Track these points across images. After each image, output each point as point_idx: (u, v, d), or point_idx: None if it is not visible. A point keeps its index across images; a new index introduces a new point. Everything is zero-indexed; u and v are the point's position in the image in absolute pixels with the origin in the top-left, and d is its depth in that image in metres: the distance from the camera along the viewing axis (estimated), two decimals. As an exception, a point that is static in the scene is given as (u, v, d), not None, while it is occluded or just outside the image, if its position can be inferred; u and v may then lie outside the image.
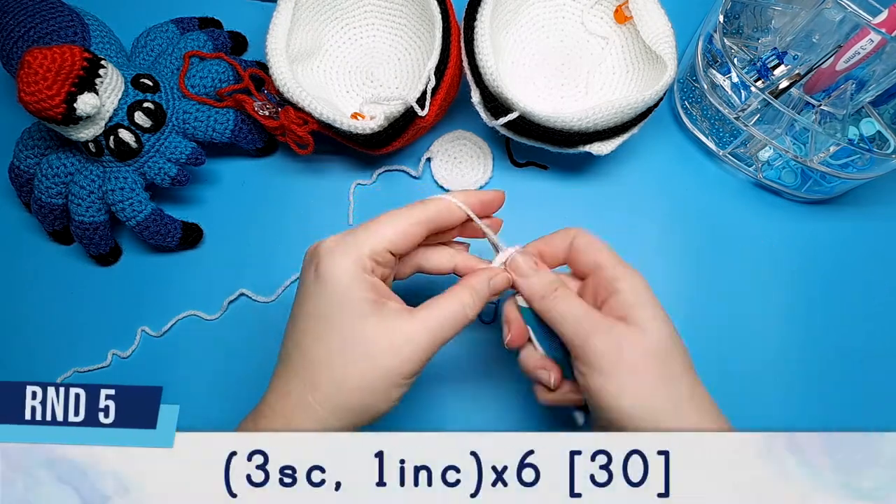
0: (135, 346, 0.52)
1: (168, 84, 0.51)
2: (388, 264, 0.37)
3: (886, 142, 0.52)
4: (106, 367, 0.51)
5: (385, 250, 0.36)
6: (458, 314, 0.36)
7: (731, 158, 0.56)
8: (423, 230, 0.37)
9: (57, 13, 0.51)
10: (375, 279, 0.36)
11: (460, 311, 0.36)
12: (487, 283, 0.38)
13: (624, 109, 0.47)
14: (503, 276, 0.39)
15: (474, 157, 0.56)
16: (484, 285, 0.38)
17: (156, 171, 0.50)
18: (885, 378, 0.52)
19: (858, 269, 0.54)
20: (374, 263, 0.36)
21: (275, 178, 0.56)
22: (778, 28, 0.54)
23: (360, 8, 0.57)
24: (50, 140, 0.50)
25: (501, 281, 0.39)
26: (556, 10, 0.58)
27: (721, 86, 0.53)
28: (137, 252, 0.54)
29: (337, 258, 0.35)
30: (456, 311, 0.36)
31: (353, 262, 0.35)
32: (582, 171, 0.56)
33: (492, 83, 0.47)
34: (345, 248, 0.35)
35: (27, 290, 0.54)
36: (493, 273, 0.39)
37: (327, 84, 0.57)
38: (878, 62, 0.48)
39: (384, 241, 0.36)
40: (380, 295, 0.36)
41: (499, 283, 0.39)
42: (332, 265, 0.35)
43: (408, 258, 0.40)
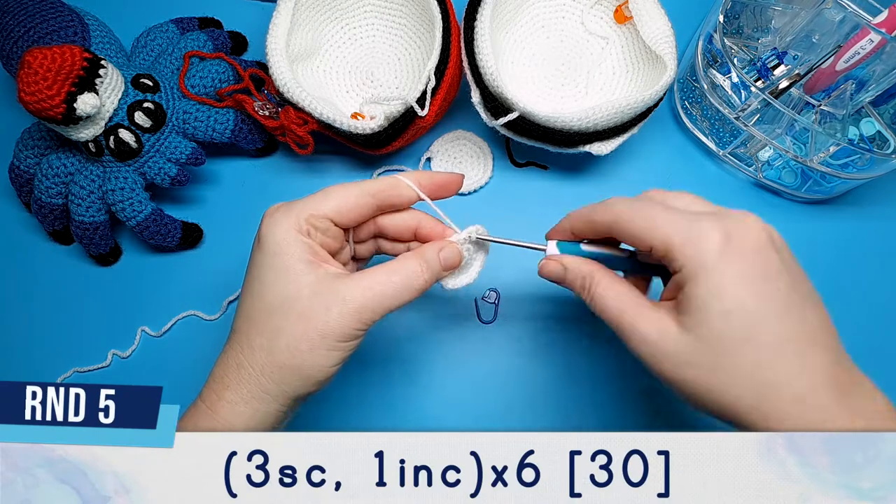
0: (135, 345, 0.52)
1: (168, 84, 0.51)
2: (328, 233, 0.37)
3: (886, 142, 0.52)
4: (106, 367, 0.51)
5: (324, 216, 0.36)
6: (403, 282, 0.36)
7: (731, 158, 0.56)
8: (368, 203, 0.37)
9: (57, 13, 0.51)
10: (313, 243, 0.36)
11: (405, 279, 0.36)
12: (437, 255, 0.37)
13: (624, 109, 0.47)
14: (453, 248, 0.38)
15: (474, 157, 0.56)
16: (433, 255, 0.37)
17: (156, 171, 0.50)
18: (885, 378, 0.52)
19: (858, 269, 0.54)
20: (312, 228, 0.36)
21: (275, 178, 0.56)
22: (778, 28, 0.54)
23: (360, 8, 0.57)
24: (50, 140, 0.50)
25: (452, 253, 0.38)
26: (556, 10, 0.58)
27: (721, 86, 0.53)
28: (137, 252, 0.54)
29: (276, 221, 0.36)
30: (401, 278, 0.36)
31: (290, 225, 0.35)
32: (582, 171, 0.56)
33: (492, 83, 0.47)
34: (284, 212, 0.36)
35: (27, 289, 0.54)
36: (442, 244, 0.38)
37: (327, 84, 0.57)
38: (878, 62, 0.48)
39: (324, 208, 0.36)
40: (318, 258, 0.36)
41: (449, 256, 0.38)
42: (269, 227, 0.36)
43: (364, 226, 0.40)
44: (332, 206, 0.36)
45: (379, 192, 0.37)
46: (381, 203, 0.38)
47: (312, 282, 0.35)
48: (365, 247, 0.41)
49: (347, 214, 0.37)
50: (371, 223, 0.40)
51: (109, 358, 0.52)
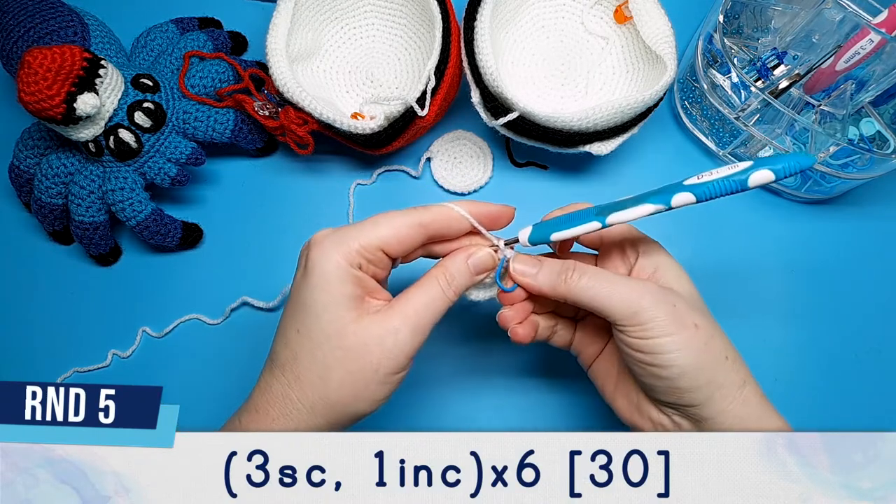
0: (135, 346, 0.52)
1: (168, 84, 0.51)
2: (379, 263, 0.36)
3: (886, 142, 0.52)
4: (106, 366, 0.51)
5: (377, 248, 0.35)
6: (436, 299, 0.35)
7: (731, 158, 0.56)
8: (419, 233, 0.36)
9: (57, 13, 0.51)
10: (363, 275, 0.35)
11: (438, 295, 0.35)
12: (465, 262, 0.37)
13: (624, 109, 0.47)
14: (485, 253, 0.37)
15: (474, 157, 0.56)
16: (461, 264, 0.37)
17: (156, 171, 0.50)
18: (884, 378, 0.52)
19: (858, 269, 0.54)
20: (364, 260, 0.35)
21: (275, 178, 0.56)
22: (778, 28, 0.54)
23: (359, 8, 0.57)
24: (50, 140, 0.50)
25: (483, 258, 0.37)
26: (556, 10, 0.58)
27: (721, 86, 0.53)
28: (137, 252, 0.54)
29: (325, 250, 0.34)
30: (433, 296, 0.35)
31: (341, 256, 0.34)
32: (582, 171, 0.56)
33: (492, 83, 0.47)
34: (334, 240, 0.35)
35: (27, 290, 0.54)
36: (470, 251, 0.37)
37: (327, 84, 0.57)
38: (878, 62, 0.48)
39: (376, 239, 0.35)
40: (365, 290, 0.35)
41: (479, 262, 0.37)
42: (319, 256, 0.34)
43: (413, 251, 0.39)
44: (383, 236, 0.35)
45: (431, 224, 0.36)
46: (433, 234, 0.37)
47: (361, 316, 0.34)
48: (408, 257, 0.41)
49: (398, 246, 0.35)
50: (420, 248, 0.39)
51: (109, 358, 0.52)
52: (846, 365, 0.52)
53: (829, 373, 0.52)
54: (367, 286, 0.35)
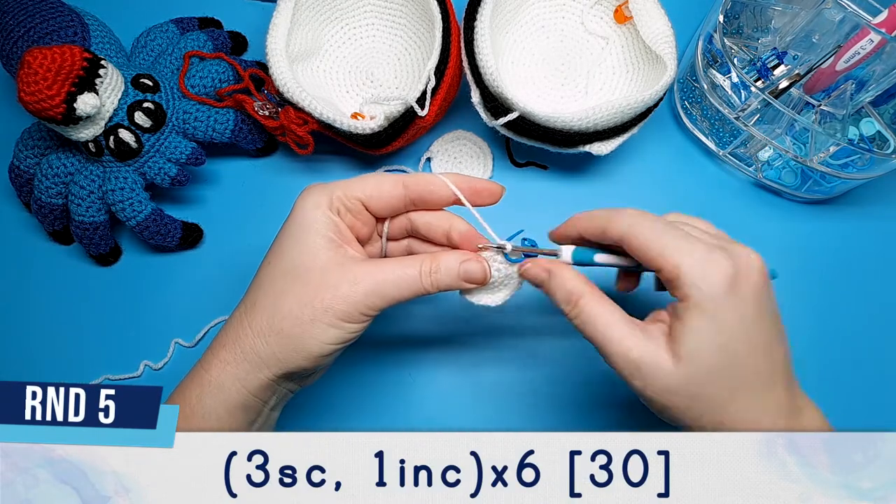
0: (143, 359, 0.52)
1: (168, 84, 0.51)
2: (359, 216, 0.37)
3: (886, 142, 0.52)
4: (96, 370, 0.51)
5: (356, 198, 0.37)
6: (412, 278, 0.35)
7: (731, 158, 0.56)
8: (401, 194, 0.37)
9: (57, 13, 0.51)
10: (340, 222, 0.37)
11: (415, 277, 0.35)
12: (458, 264, 0.36)
13: (624, 109, 0.47)
14: (478, 265, 0.36)
15: (474, 157, 0.56)
16: (453, 263, 0.36)
17: (156, 171, 0.50)
18: (884, 378, 0.52)
19: (858, 269, 0.54)
20: (343, 207, 0.37)
21: (275, 178, 0.56)
22: (778, 28, 0.54)
23: (359, 8, 0.57)
24: (50, 140, 0.50)
25: (475, 269, 0.36)
26: (556, 10, 0.58)
27: (721, 86, 0.53)
28: (137, 252, 0.54)
29: (310, 193, 0.37)
30: (411, 274, 0.35)
31: (321, 200, 0.36)
32: (582, 171, 0.56)
33: (492, 83, 0.47)
34: (319, 188, 0.37)
35: (26, 290, 0.54)
36: (467, 256, 0.37)
37: (327, 84, 0.57)
38: (878, 62, 0.48)
39: (358, 191, 0.37)
40: (341, 238, 0.36)
41: (471, 271, 0.36)
42: (303, 199, 0.37)
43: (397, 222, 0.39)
44: (365, 189, 0.37)
45: (413, 185, 0.37)
46: (415, 197, 0.37)
47: (329, 258, 0.35)
48: (398, 246, 0.41)
49: (379, 200, 0.37)
50: (404, 220, 0.39)
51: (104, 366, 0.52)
52: (846, 365, 0.52)
53: (829, 373, 0.51)
54: (342, 234, 0.37)
